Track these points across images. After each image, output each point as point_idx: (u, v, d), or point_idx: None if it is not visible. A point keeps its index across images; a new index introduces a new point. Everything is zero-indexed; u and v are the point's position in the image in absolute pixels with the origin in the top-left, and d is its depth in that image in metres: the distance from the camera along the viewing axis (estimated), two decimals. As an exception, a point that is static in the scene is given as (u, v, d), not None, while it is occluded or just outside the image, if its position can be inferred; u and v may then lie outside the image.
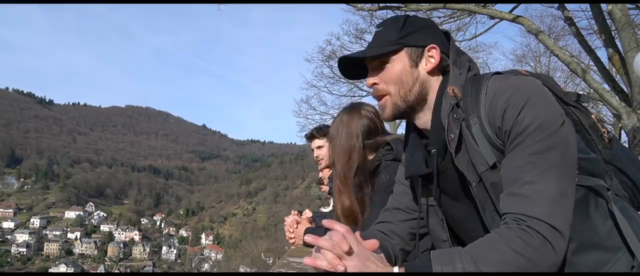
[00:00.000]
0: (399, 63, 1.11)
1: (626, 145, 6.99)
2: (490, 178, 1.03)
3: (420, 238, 1.27)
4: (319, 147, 3.02)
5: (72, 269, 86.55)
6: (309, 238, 0.93)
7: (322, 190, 3.55)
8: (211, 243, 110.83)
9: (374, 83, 1.14)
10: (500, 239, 0.92)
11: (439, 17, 10.12)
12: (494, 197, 1.03)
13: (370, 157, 2.01)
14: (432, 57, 1.13)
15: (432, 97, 1.13)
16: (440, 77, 1.14)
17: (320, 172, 3.34)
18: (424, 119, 1.15)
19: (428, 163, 1.17)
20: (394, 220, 1.31)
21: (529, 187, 0.93)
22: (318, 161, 3.07)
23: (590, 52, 7.31)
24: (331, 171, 3.05)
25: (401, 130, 17.57)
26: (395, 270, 0.91)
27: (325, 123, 3.31)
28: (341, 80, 17.57)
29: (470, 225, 1.13)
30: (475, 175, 1.05)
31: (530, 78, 1.06)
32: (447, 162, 1.10)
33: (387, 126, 2.30)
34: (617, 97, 6.48)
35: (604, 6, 6.56)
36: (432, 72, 1.13)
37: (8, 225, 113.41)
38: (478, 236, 1.03)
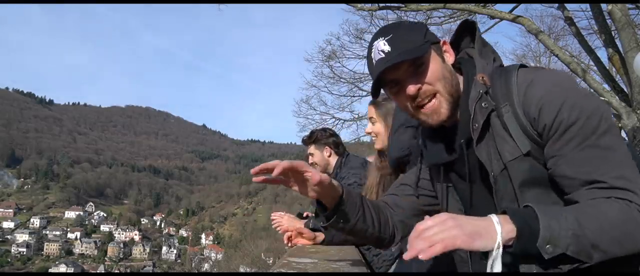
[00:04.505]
0: (435, 61, 1.09)
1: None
2: (519, 167, 1.02)
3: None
4: (311, 154, 3.00)
5: (72, 269, 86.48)
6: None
7: None
8: (211, 243, 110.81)
9: (419, 88, 1.08)
10: (606, 204, 0.91)
11: (439, 17, 10.13)
12: (516, 186, 1.03)
13: None
14: (446, 51, 1.15)
15: (458, 89, 1.13)
16: (456, 71, 1.16)
17: None
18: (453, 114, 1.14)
19: (448, 152, 1.19)
20: (400, 193, 1.35)
21: (621, 180, 0.93)
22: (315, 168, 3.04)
23: (590, 52, 7.32)
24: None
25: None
26: (494, 217, 0.88)
27: (315, 129, 3.26)
28: (341, 80, 17.59)
29: (485, 211, 1.12)
30: (500, 164, 1.05)
31: (561, 71, 1.06)
32: (470, 150, 1.11)
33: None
34: (617, 97, 6.48)
35: (604, 6, 6.56)
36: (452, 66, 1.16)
37: (8, 225, 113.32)
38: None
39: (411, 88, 1.07)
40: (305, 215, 2.89)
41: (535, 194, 1.02)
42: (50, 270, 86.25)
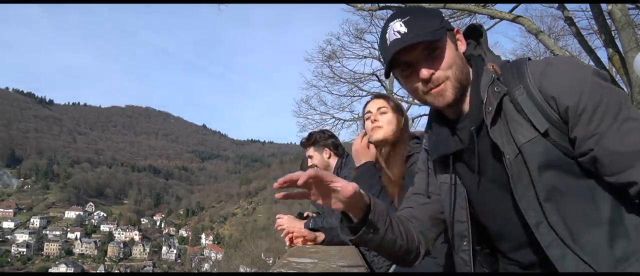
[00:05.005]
0: (449, 47, 1.10)
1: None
2: (534, 149, 1.01)
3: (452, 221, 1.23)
4: (310, 157, 2.98)
5: (72, 269, 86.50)
6: None
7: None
8: (211, 243, 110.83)
9: (432, 73, 1.08)
10: None
11: (439, 17, 10.12)
12: (532, 170, 1.02)
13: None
14: (459, 40, 1.15)
15: (468, 78, 1.13)
16: (467, 61, 1.16)
17: None
18: (460, 103, 1.15)
19: (457, 142, 1.17)
20: (415, 204, 1.31)
21: None
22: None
23: (590, 52, 7.31)
24: None
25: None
26: None
27: (313, 131, 3.22)
28: (341, 80, 17.59)
29: (495, 204, 1.13)
30: (514, 148, 1.04)
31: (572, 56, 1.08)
32: (480, 139, 1.10)
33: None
34: (617, 97, 6.46)
35: (604, 6, 6.56)
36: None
37: (8, 225, 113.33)
38: (502, 215, 1.10)
39: (425, 72, 1.07)
40: (305, 215, 2.89)
41: (550, 177, 1.01)
42: (50, 270, 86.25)
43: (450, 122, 1.19)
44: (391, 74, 1.17)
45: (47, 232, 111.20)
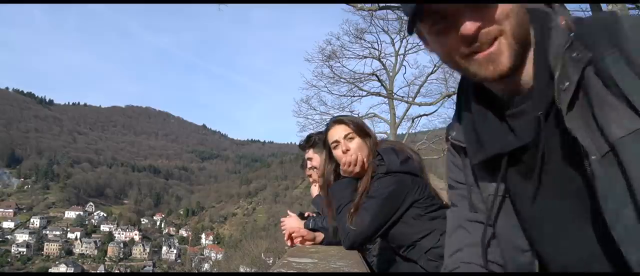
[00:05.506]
0: None
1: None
2: (638, 146, 0.65)
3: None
4: (309, 159, 2.98)
5: (72, 269, 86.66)
6: None
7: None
8: (211, 243, 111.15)
9: (479, 27, 0.71)
10: None
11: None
12: (634, 177, 0.64)
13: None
14: None
15: (529, 36, 0.77)
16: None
17: (316, 185, 3.22)
18: (516, 74, 0.77)
19: (509, 136, 0.81)
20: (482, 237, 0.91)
21: None
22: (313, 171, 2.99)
23: (590, 52, 7.33)
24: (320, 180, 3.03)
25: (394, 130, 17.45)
26: None
27: (312, 132, 3.20)
28: (341, 80, 17.60)
29: (564, 228, 0.78)
30: (603, 143, 0.68)
31: None
32: (546, 130, 0.76)
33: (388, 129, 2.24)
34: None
35: (604, 6, 6.57)
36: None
37: (8, 225, 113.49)
38: (575, 244, 0.76)
39: (469, 26, 0.71)
40: (306, 215, 2.89)
41: None
42: (50, 270, 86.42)
43: (498, 104, 0.83)
44: (414, 31, 0.81)
45: (47, 232, 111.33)
